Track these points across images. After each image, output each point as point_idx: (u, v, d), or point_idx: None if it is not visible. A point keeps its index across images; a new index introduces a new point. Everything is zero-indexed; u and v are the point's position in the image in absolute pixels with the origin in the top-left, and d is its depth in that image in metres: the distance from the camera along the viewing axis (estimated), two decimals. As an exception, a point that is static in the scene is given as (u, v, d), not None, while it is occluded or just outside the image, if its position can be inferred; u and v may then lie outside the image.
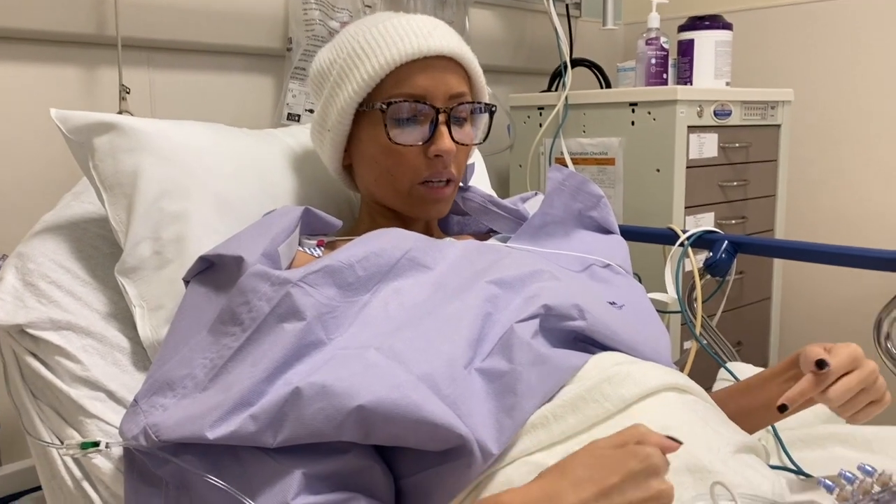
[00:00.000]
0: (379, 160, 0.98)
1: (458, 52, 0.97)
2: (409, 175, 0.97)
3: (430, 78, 0.95)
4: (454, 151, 0.96)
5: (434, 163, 0.96)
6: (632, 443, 0.61)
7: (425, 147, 0.96)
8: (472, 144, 1.02)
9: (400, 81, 0.95)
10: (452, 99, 0.97)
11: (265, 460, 0.69)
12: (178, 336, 0.80)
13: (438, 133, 0.95)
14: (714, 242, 1.29)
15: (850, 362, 0.80)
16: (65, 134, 1.02)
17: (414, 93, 0.95)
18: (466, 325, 0.77)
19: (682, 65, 1.77)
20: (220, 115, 1.46)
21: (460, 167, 1.01)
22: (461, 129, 0.99)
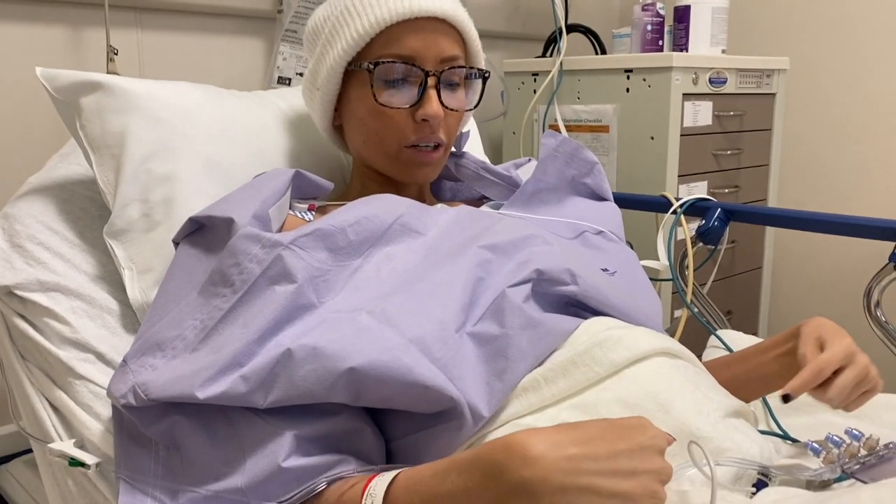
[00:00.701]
0: (367, 122, 0.97)
1: (451, 14, 0.95)
2: (396, 138, 0.95)
3: (421, 39, 0.93)
4: (442, 116, 0.94)
5: (421, 127, 0.95)
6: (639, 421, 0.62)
7: (413, 110, 0.94)
8: (464, 111, 1.00)
9: (390, 42, 0.93)
10: (444, 62, 0.95)
11: (256, 422, 0.69)
12: (167, 297, 0.79)
13: (427, 97, 0.93)
14: (707, 210, 1.29)
15: (845, 357, 0.79)
16: (51, 93, 1.00)
17: (403, 54, 0.93)
18: (458, 290, 0.77)
19: (678, 31, 1.75)
20: (210, 77, 1.43)
21: (451, 132, 0.99)
22: (452, 94, 0.97)
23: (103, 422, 0.85)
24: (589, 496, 0.56)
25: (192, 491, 0.68)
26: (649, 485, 0.58)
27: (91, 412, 0.86)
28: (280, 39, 1.51)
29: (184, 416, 0.71)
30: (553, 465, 0.55)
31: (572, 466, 0.55)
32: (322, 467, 0.67)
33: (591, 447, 0.57)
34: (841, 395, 0.78)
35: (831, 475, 0.67)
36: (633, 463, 0.58)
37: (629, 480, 0.57)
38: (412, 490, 0.61)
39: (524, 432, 0.57)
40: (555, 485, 0.54)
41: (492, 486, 0.56)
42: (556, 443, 0.56)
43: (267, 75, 1.54)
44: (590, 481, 0.56)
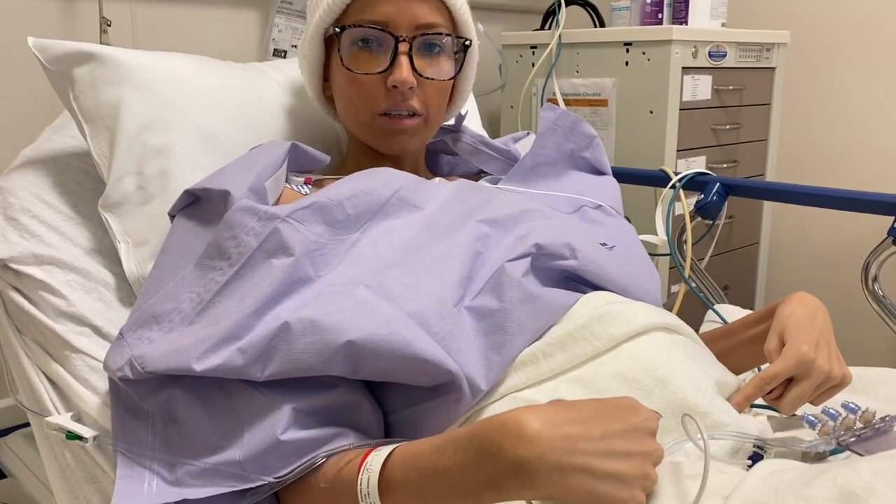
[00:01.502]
0: (344, 89, 0.96)
1: None
2: (368, 105, 0.94)
3: (393, 5, 0.91)
4: (411, 83, 0.92)
5: (392, 94, 0.93)
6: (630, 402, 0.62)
7: (384, 76, 0.92)
8: (442, 80, 0.96)
9: (363, 8, 0.92)
10: (419, 29, 0.93)
11: (254, 395, 0.69)
12: (164, 270, 0.79)
13: (397, 63, 0.91)
14: (706, 184, 1.28)
15: (796, 367, 0.76)
16: (43, 64, 0.99)
17: (375, 19, 0.92)
18: (457, 264, 0.77)
19: (678, 4, 1.73)
20: (205, 50, 1.41)
21: (428, 102, 0.96)
22: (430, 62, 0.95)
23: (100, 395, 0.85)
24: (583, 476, 0.56)
25: (190, 464, 0.68)
26: (642, 466, 0.59)
27: (88, 385, 0.86)
28: (275, 11, 1.49)
29: (181, 389, 0.71)
30: (549, 443, 0.55)
31: (568, 446, 0.55)
32: (320, 440, 0.67)
33: (586, 427, 0.57)
34: (794, 407, 0.77)
35: (826, 447, 0.67)
36: (628, 444, 0.58)
37: (623, 461, 0.57)
38: (409, 465, 0.61)
39: (520, 410, 0.57)
40: (551, 463, 0.55)
41: (488, 463, 0.56)
42: (553, 421, 0.56)
43: (262, 47, 1.52)
44: (585, 461, 0.56)
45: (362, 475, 0.62)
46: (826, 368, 0.77)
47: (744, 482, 0.60)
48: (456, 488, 0.58)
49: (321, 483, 0.66)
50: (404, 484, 0.60)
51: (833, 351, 0.81)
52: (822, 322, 0.83)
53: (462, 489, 0.58)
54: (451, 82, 1.00)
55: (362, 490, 0.61)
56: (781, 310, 0.83)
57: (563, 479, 0.55)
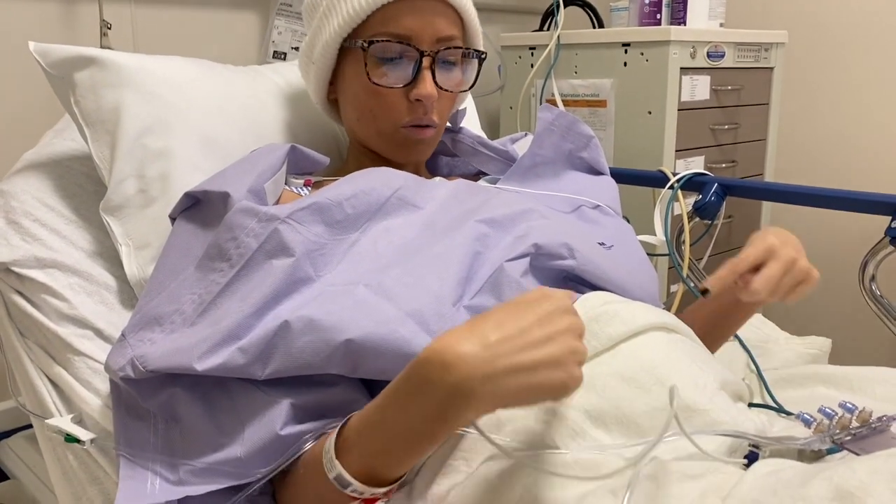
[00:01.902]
0: (361, 99, 0.96)
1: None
2: (390, 117, 0.95)
3: (417, 19, 0.92)
4: (436, 97, 0.93)
5: (415, 107, 0.94)
6: (539, 292, 0.63)
7: (407, 90, 0.93)
8: (459, 92, 0.99)
9: (386, 20, 0.92)
10: (440, 42, 0.94)
11: (254, 392, 0.69)
12: (165, 272, 0.80)
13: (421, 77, 0.92)
14: (704, 185, 1.29)
15: (764, 253, 0.82)
16: (44, 68, 1.00)
17: (399, 33, 0.92)
18: (455, 264, 0.77)
19: (676, 5, 1.73)
20: (205, 52, 1.42)
21: (443, 113, 0.98)
22: (448, 75, 0.96)
23: (102, 397, 0.85)
24: (515, 375, 0.57)
25: (192, 464, 0.69)
26: (566, 343, 0.59)
27: (90, 388, 0.87)
28: (275, 13, 1.49)
29: (182, 389, 0.72)
30: (472, 359, 0.56)
31: (490, 353, 0.56)
32: (317, 431, 0.68)
33: (501, 330, 0.58)
34: (766, 286, 0.81)
35: (821, 445, 0.67)
36: (545, 330, 0.59)
37: (546, 346, 0.58)
38: (361, 425, 0.62)
39: (437, 339, 0.58)
40: (480, 376, 0.56)
41: (427, 400, 0.57)
42: (470, 338, 0.57)
43: (262, 49, 1.52)
44: (510, 361, 0.57)
45: (325, 443, 0.63)
46: (793, 255, 0.83)
47: (741, 482, 0.60)
48: (407, 432, 0.59)
49: (301, 469, 0.67)
50: (359, 442, 0.62)
51: (801, 252, 0.86)
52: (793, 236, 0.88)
53: (412, 431, 0.59)
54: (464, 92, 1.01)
55: (326, 455, 0.62)
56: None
57: (497, 386, 0.56)
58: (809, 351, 1.14)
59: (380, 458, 0.61)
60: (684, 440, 0.65)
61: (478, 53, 1.00)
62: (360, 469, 0.61)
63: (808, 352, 1.14)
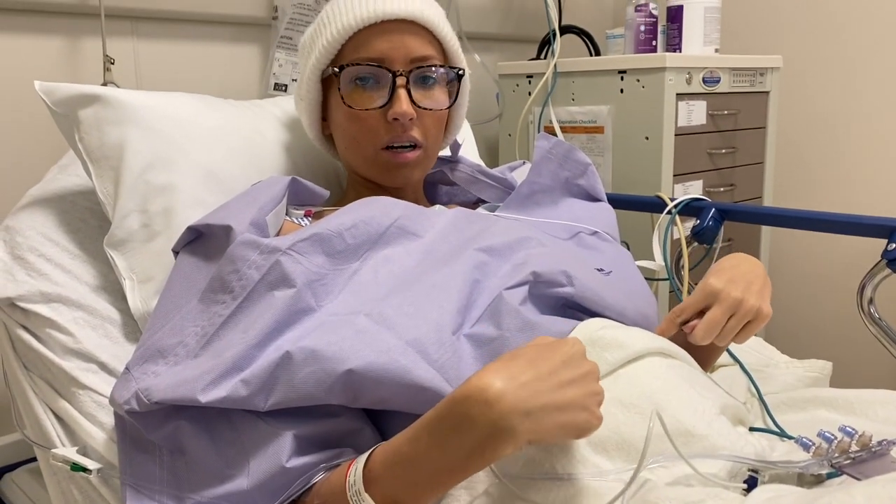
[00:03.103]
0: (345, 126, 0.99)
1: (419, 14, 0.96)
2: (371, 140, 0.97)
3: (387, 41, 0.95)
4: (411, 115, 0.95)
5: (393, 127, 0.96)
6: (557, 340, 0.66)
7: (384, 111, 0.95)
8: (439, 110, 1.00)
9: (358, 46, 0.96)
10: (413, 62, 0.96)
11: (258, 424, 0.70)
12: (168, 305, 0.80)
13: (396, 96, 0.95)
14: (701, 210, 1.30)
15: (705, 298, 0.83)
16: (50, 107, 1.01)
17: (371, 56, 0.95)
18: (455, 292, 0.78)
19: (671, 31, 1.76)
20: (207, 85, 1.45)
21: (427, 132, 0.99)
22: (426, 94, 0.98)
23: (107, 430, 0.86)
24: (549, 412, 0.59)
25: (198, 496, 0.69)
26: (588, 386, 0.63)
27: (95, 421, 0.87)
28: (275, 46, 1.51)
29: (187, 421, 0.72)
30: (513, 396, 0.58)
31: (527, 392, 0.59)
32: (323, 461, 0.69)
33: (534, 369, 0.61)
34: (708, 331, 0.82)
35: (820, 469, 0.67)
36: (571, 372, 0.62)
37: (573, 388, 0.62)
38: (390, 459, 0.63)
39: (476, 377, 0.60)
40: (521, 413, 0.58)
41: (466, 436, 0.58)
42: (507, 376, 0.59)
43: (263, 81, 1.54)
44: (546, 399, 0.59)
45: (349, 477, 0.63)
46: (736, 296, 0.82)
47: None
48: (442, 467, 0.60)
49: (314, 500, 0.67)
50: (389, 476, 0.62)
51: (754, 288, 0.85)
52: (746, 267, 0.87)
53: (448, 467, 0.60)
54: (447, 111, 1.02)
55: (352, 488, 0.63)
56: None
57: (535, 423, 0.58)
58: (810, 374, 1.14)
59: (408, 491, 0.62)
60: (683, 465, 0.65)
61: (455, 70, 1.02)
62: (383, 501, 0.62)
63: (809, 375, 1.14)
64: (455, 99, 1.03)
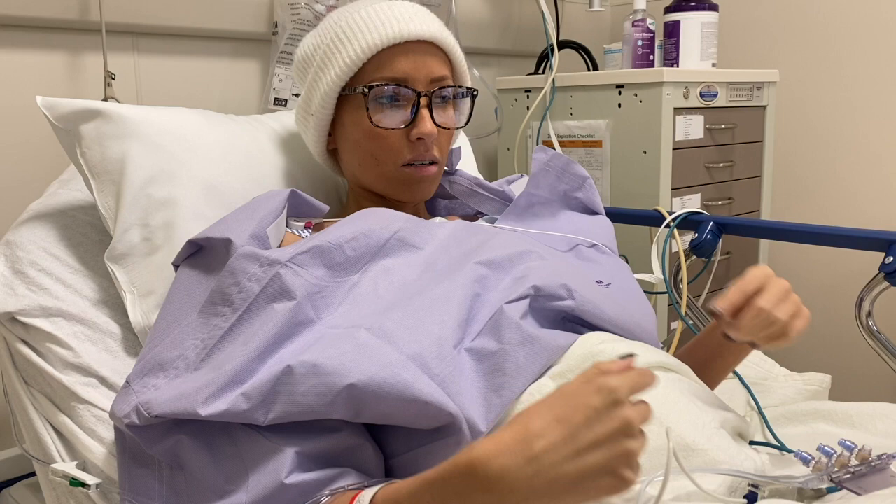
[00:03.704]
0: (363, 144, 0.99)
1: (438, 36, 0.99)
2: (392, 158, 0.98)
3: (411, 62, 0.96)
4: (436, 134, 0.97)
5: (416, 146, 0.98)
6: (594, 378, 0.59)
7: (407, 130, 0.97)
8: (455, 128, 1.03)
9: (381, 65, 0.96)
10: (434, 83, 0.98)
11: (258, 439, 0.70)
12: (168, 318, 0.81)
13: (420, 116, 0.96)
14: (699, 224, 1.30)
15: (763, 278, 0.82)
16: (51, 122, 1.02)
17: (395, 76, 0.96)
18: (456, 306, 0.78)
19: (669, 46, 1.77)
20: (207, 99, 1.46)
21: (443, 150, 1.02)
22: (444, 113, 1.01)
23: (106, 445, 0.86)
24: (559, 486, 0.55)
25: (197, 511, 0.69)
26: (617, 448, 0.56)
27: (94, 436, 0.87)
28: (276, 61, 1.52)
29: (187, 435, 0.72)
30: (516, 473, 0.54)
31: (535, 468, 0.55)
32: (323, 482, 0.68)
33: (548, 436, 0.56)
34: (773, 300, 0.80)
35: (820, 483, 0.67)
36: (595, 432, 0.56)
37: (595, 453, 0.55)
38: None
39: (480, 446, 0.56)
40: (525, 490, 0.54)
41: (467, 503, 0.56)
42: (513, 449, 0.55)
43: (263, 96, 1.55)
44: (555, 473, 0.55)
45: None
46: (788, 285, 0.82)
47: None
48: None
49: None
50: None
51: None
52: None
53: None
54: (460, 129, 1.04)
55: None
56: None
57: (542, 498, 0.55)
58: (809, 387, 1.14)
59: None
60: (684, 479, 0.65)
61: (470, 91, 1.05)
62: None
63: (808, 388, 1.14)
64: (469, 117, 1.06)
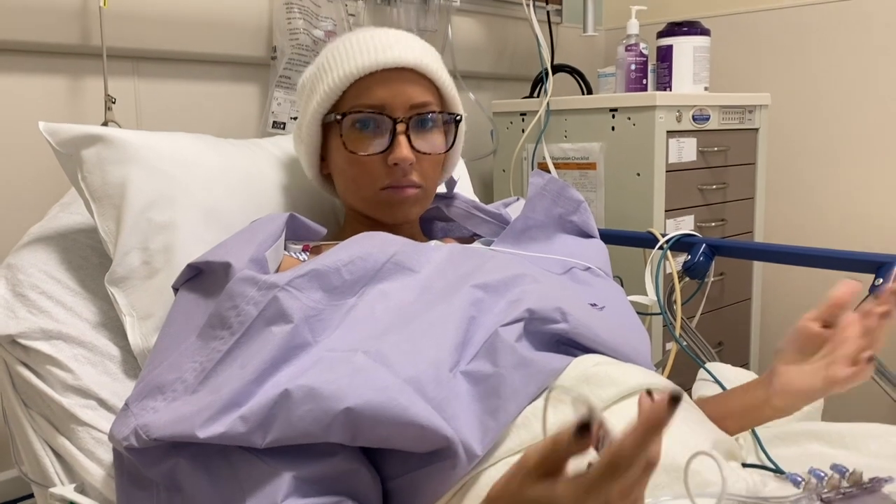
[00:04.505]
0: (345, 169, 1.02)
1: (418, 63, 0.99)
2: (371, 182, 1.00)
3: (388, 89, 0.98)
4: (411, 160, 0.98)
5: (394, 171, 0.99)
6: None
7: (385, 156, 0.98)
8: (437, 154, 1.03)
9: (360, 93, 0.99)
10: (413, 109, 0.99)
11: (255, 463, 0.70)
12: (167, 341, 0.81)
13: (396, 142, 0.98)
14: (692, 245, 1.31)
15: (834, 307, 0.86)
16: (53, 147, 1.03)
17: (372, 104, 0.98)
18: (452, 329, 0.79)
19: (662, 70, 1.79)
20: (206, 123, 1.47)
21: (426, 175, 1.02)
22: (425, 139, 1.01)
23: (105, 467, 0.86)
24: None
25: (194, 534, 0.70)
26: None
27: (93, 458, 0.87)
28: (274, 85, 1.54)
29: (184, 458, 0.72)
30: None
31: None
32: None
33: None
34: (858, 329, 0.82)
35: (808, 502, 0.68)
36: None
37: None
38: None
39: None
40: None
41: None
42: None
43: (262, 120, 1.57)
44: None
45: None
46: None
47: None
48: None
49: None
50: None
51: None
52: None
53: None
54: (444, 155, 1.05)
55: None
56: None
57: None
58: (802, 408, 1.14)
59: None
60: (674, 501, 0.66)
61: (452, 116, 1.05)
62: None
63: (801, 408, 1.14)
64: (453, 142, 1.06)
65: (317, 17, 1.55)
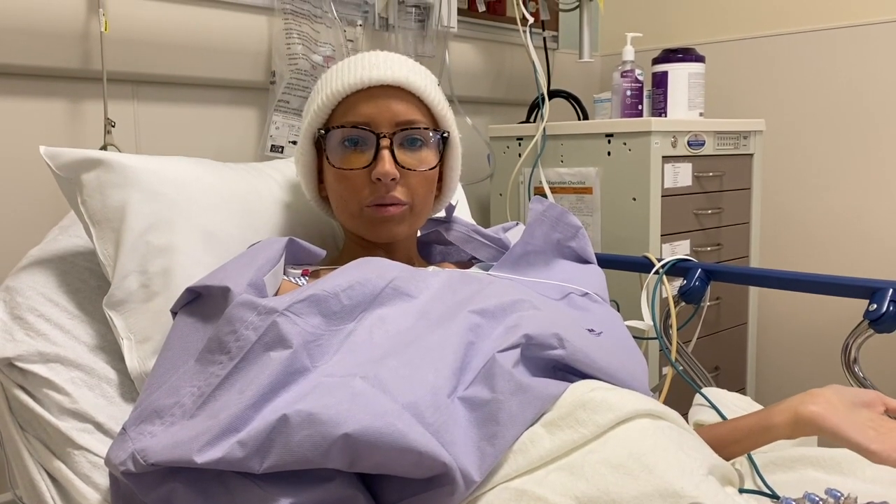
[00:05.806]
0: (333, 186, 1.04)
1: (404, 80, 1.01)
2: (356, 198, 1.01)
3: (373, 106, 1.00)
4: (394, 175, 0.99)
5: (377, 187, 1.00)
6: None
7: (369, 171, 1.00)
8: (424, 170, 1.03)
9: (347, 110, 1.01)
10: (399, 125, 1.01)
11: (252, 489, 0.70)
12: (166, 365, 0.81)
13: (379, 157, 0.99)
14: (688, 270, 1.32)
15: None
16: (53, 171, 1.04)
17: (358, 121, 1.00)
18: (450, 354, 0.79)
19: (657, 96, 1.81)
20: (205, 147, 1.48)
21: (412, 191, 1.02)
22: (412, 155, 1.02)
23: (101, 492, 0.86)
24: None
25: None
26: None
27: (89, 482, 0.87)
28: (273, 109, 1.55)
29: (181, 483, 0.72)
30: None
31: None
32: None
33: None
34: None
35: (803, 526, 0.68)
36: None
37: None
38: None
39: None
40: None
41: None
42: None
43: (260, 144, 1.58)
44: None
45: None
46: None
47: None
48: None
49: None
50: None
51: None
52: None
53: None
54: (435, 172, 1.06)
55: None
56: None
57: None
58: (797, 433, 1.15)
59: None
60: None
61: (439, 133, 1.05)
62: None
63: (796, 433, 1.15)
64: (440, 159, 1.06)
65: (316, 42, 1.57)
